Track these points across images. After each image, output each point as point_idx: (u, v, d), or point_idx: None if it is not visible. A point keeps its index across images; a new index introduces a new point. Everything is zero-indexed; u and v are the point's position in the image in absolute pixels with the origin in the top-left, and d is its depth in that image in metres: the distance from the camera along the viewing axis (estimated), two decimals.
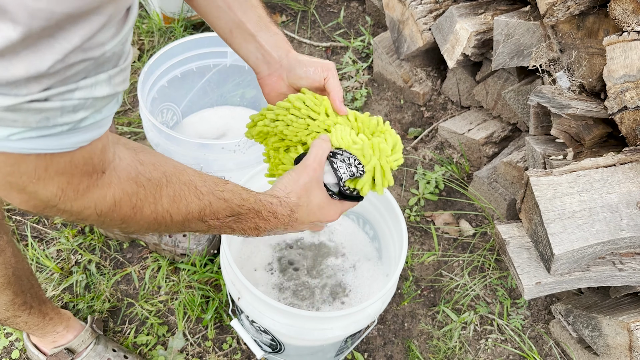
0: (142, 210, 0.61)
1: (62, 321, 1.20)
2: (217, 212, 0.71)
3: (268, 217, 0.78)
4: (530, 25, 1.36)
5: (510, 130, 1.70)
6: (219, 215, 0.71)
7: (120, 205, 0.58)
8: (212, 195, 0.69)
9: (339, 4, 2.22)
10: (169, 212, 0.65)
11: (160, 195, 0.63)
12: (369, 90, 1.92)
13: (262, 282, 1.29)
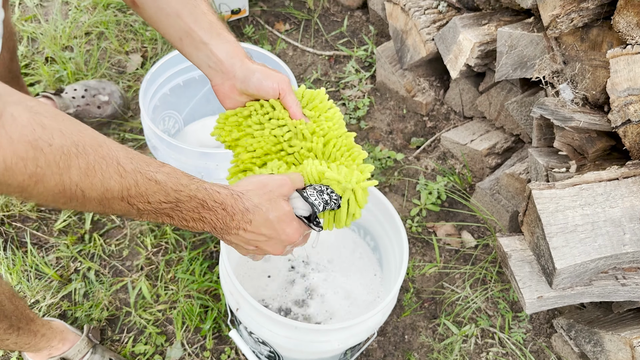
0: (44, 180, 0.55)
1: (55, 335, 1.19)
2: (146, 194, 0.64)
3: (215, 208, 0.72)
4: (533, 37, 1.36)
5: (513, 141, 1.69)
6: (149, 198, 0.65)
7: (14, 171, 0.53)
8: (140, 174, 0.63)
9: (343, 13, 2.22)
10: (80, 187, 0.58)
11: (67, 166, 0.56)
12: (371, 99, 1.92)
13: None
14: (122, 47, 1.97)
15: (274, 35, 2.12)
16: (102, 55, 1.96)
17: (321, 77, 2.00)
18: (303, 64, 2.06)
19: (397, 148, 1.80)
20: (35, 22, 2.06)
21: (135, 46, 1.99)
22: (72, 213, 1.55)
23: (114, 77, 1.89)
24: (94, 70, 1.88)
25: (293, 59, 2.07)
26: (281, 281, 1.31)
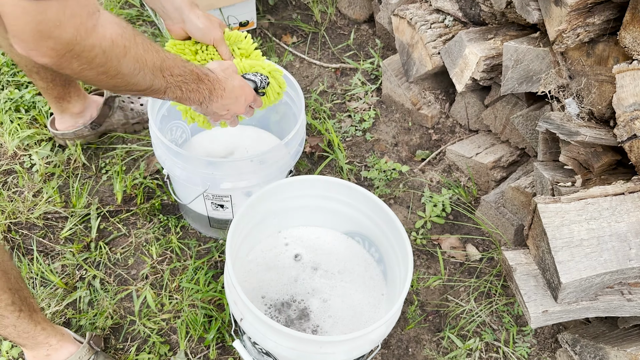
0: (129, 51, 0.79)
1: (55, 333, 1.19)
2: (171, 67, 0.89)
3: (204, 80, 1.00)
4: (539, 52, 1.37)
5: (519, 155, 1.69)
6: (172, 71, 0.90)
7: (116, 44, 0.76)
8: (163, 52, 0.88)
9: (349, 26, 2.24)
10: (144, 57, 0.82)
11: (135, 42, 0.80)
12: (377, 111, 1.93)
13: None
14: None
15: (281, 47, 2.14)
16: None
17: (327, 89, 2.01)
18: (309, 76, 2.07)
19: (403, 160, 1.81)
20: None
21: None
22: (77, 222, 1.56)
23: None
24: None
25: (300, 71, 2.08)
26: (286, 279, 1.31)
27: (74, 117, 1.66)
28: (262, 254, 1.39)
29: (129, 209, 1.61)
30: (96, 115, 1.69)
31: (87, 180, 1.66)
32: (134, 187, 1.64)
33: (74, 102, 1.62)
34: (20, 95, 1.83)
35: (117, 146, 1.75)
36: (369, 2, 2.18)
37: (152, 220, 1.59)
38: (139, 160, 1.72)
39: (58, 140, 1.72)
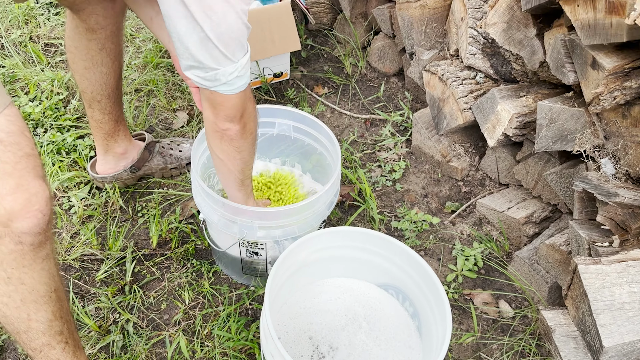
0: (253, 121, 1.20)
1: None
2: None
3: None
4: (574, 112, 1.39)
5: (551, 210, 1.70)
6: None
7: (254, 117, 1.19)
8: None
9: (379, 79, 2.30)
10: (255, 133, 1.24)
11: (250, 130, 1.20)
12: (407, 162, 1.96)
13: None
14: (170, 105, 2.06)
15: (313, 97, 2.20)
16: (150, 111, 2.05)
17: (357, 139, 2.05)
18: (340, 125, 2.12)
19: (432, 211, 1.82)
20: None
21: (182, 104, 2.08)
22: (113, 264, 1.58)
23: (161, 134, 1.97)
24: (142, 126, 1.97)
25: (331, 120, 2.13)
26: (316, 329, 1.31)
27: (117, 157, 1.71)
28: (295, 305, 1.40)
29: (164, 253, 1.63)
30: (136, 159, 1.74)
31: (123, 223, 1.70)
32: (169, 232, 1.67)
33: (120, 141, 1.68)
34: (62, 139, 1.89)
35: (153, 190, 1.79)
36: (399, 57, 2.25)
37: (186, 265, 1.61)
38: (175, 205, 1.76)
39: (96, 183, 1.77)
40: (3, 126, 0.88)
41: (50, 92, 2.07)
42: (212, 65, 0.99)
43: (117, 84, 1.53)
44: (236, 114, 1.12)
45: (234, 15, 0.95)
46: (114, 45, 1.43)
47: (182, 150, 1.83)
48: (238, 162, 1.25)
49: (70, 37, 1.40)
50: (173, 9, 0.92)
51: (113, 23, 1.38)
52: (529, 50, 1.56)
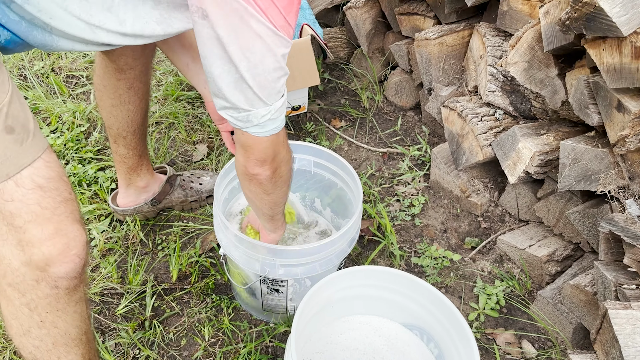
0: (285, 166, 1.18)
1: None
2: None
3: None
4: (598, 152, 1.39)
5: (572, 249, 1.68)
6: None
7: (287, 162, 1.18)
8: None
9: (396, 112, 2.32)
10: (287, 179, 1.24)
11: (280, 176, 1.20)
12: (426, 197, 1.96)
13: None
14: (190, 137, 2.09)
15: (330, 131, 2.22)
16: (170, 144, 2.07)
17: (375, 173, 2.06)
18: (358, 159, 2.13)
19: (452, 247, 1.81)
20: None
21: (202, 137, 2.10)
22: (133, 299, 1.58)
23: (181, 166, 1.98)
24: (163, 158, 1.99)
25: (348, 153, 2.15)
26: None
27: (138, 191, 1.72)
28: (320, 341, 1.38)
29: (183, 287, 1.63)
30: (158, 192, 1.75)
31: (144, 257, 1.70)
32: (189, 265, 1.67)
33: (143, 175, 1.69)
34: (83, 171, 1.91)
35: (173, 223, 1.79)
36: (416, 91, 2.27)
37: (205, 300, 1.60)
38: (194, 238, 1.76)
39: (117, 216, 1.78)
40: (43, 172, 0.89)
41: (72, 124, 2.10)
42: (245, 107, 0.98)
43: (143, 120, 1.55)
44: (266, 158, 1.10)
45: (272, 59, 0.94)
46: (142, 84, 1.45)
47: (202, 183, 1.84)
48: (266, 203, 1.25)
49: (99, 75, 1.43)
50: (209, 49, 0.91)
51: (142, 63, 1.40)
52: (550, 89, 1.57)
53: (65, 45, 0.96)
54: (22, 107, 0.91)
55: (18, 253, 0.89)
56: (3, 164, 0.86)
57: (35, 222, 0.88)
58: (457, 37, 1.97)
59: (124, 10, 0.94)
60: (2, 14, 0.87)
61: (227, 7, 0.86)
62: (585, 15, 1.14)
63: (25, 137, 0.88)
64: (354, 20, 2.32)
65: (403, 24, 2.16)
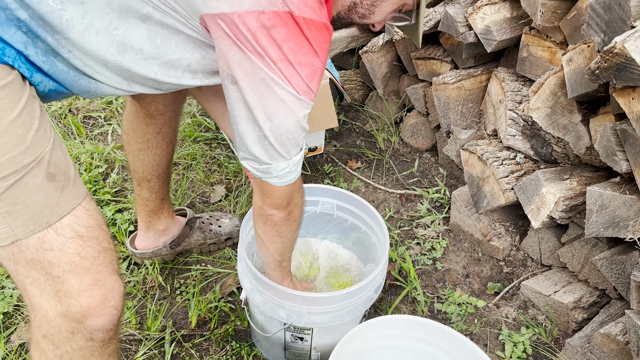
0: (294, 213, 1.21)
1: None
2: None
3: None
4: (626, 199, 1.39)
5: (598, 295, 1.65)
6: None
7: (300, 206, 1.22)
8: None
9: (412, 154, 2.33)
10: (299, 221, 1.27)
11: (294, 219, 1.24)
12: (447, 240, 1.94)
13: None
14: (208, 179, 2.08)
15: (347, 172, 2.22)
16: (189, 185, 2.06)
17: (394, 215, 2.05)
18: (375, 200, 2.12)
19: (475, 293, 1.78)
20: None
21: (220, 178, 2.10)
22: (152, 346, 1.54)
23: (198, 208, 1.97)
24: (181, 199, 1.98)
25: (365, 195, 2.14)
26: None
27: (158, 234, 1.71)
28: None
29: (203, 334, 1.59)
30: (177, 235, 1.74)
31: (162, 302, 1.67)
32: (208, 311, 1.64)
33: (163, 218, 1.68)
34: (101, 212, 1.90)
35: (192, 267, 1.77)
36: (432, 133, 2.28)
37: (225, 347, 1.56)
38: (213, 282, 1.73)
39: (135, 259, 1.76)
40: (83, 220, 0.88)
41: (90, 165, 2.10)
42: (266, 160, 1.05)
43: (168, 164, 1.55)
44: (282, 203, 1.15)
45: (294, 120, 1.00)
46: (171, 129, 1.46)
47: (221, 226, 1.83)
48: (279, 246, 1.27)
49: (128, 119, 1.43)
50: (237, 110, 0.99)
51: (173, 110, 1.41)
52: (574, 135, 1.57)
53: (108, 90, 0.99)
54: (63, 154, 0.91)
55: (55, 304, 0.87)
56: (44, 212, 0.85)
57: (74, 272, 0.86)
58: (474, 82, 1.99)
59: (166, 80, 1.02)
60: (50, 64, 0.89)
61: (255, 76, 0.93)
62: (615, 66, 1.15)
63: (66, 184, 0.88)
64: (370, 64, 2.36)
65: (420, 68, 2.19)
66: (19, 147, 0.83)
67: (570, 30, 1.56)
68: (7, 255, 0.86)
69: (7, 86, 0.84)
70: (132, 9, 0.91)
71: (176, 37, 0.97)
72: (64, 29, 0.87)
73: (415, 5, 1.10)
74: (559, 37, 1.63)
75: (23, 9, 0.84)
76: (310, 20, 0.93)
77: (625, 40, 1.11)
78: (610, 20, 1.25)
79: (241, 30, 0.89)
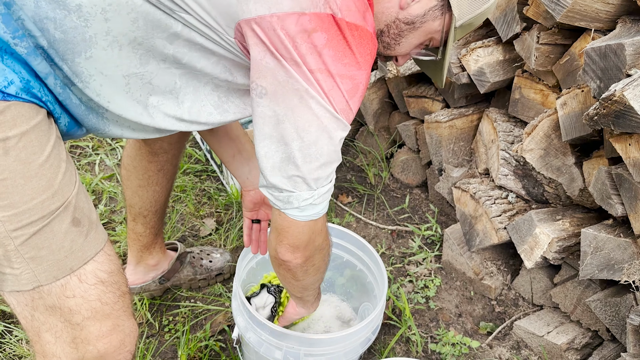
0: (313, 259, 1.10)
1: None
2: None
3: None
4: (621, 242, 1.40)
5: (591, 336, 1.66)
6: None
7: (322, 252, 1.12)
8: None
9: (402, 189, 2.34)
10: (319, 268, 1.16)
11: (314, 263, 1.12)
12: (439, 279, 1.93)
13: None
14: (198, 212, 2.05)
15: (338, 207, 2.21)
16: (178, 218, 2.03)
17: (385, 251, 2.04)
18: (367, 236, 2.11)
19: (468, 333, 1.77)
20: (114, 181, 2.17)
21: (210, 211, 2.07)
22: None
23: (189, 242, 1.93)
24: (171, 232, 1.94)
25: (357, 230, 2.13)
26: None
27: (148, 269, 1.66)
28: None
29: None
30: (167, 270, 1.69)
31: (150, 339, 1.61)
32: (198, 350, 1.58)
33: (155, 253, 1.64)
34: None
35: (180, 303, 1.72)
36: (423, 170, 2.30)
37: None
38: (203, 319, 1.68)
39: None
40: (105, 266, 0.85)
41: None
42: (287, 188, 0.94)
43: (165, 200, 1.52)
44: (299, 245, 1.02)
45: (328, 141, 0.90)
46: (172, 166, 1.43)
47: (212, 261, 1.79)
48: (296, 287, 1.21)
49: (130, 156, 1.40)
50: (261, 126, 0.89)
51: (176, 148, 1.39)
52: (567, 177, 1.60)
53: (115, 131, 0.95)
54: (86, 197, 0.88)
55: (70, 351, 0.83)
56: (68, 258, 0.82)
57: (95, 318, 0.83)
58: (466, 121, 2.02)
59: (185, 92, 0.94)
60: (65, 95, 0.87)
61: (288, 87, 0.86)
62: (614, 113, 1.18)
63: (90, 229, 0.85)
64: None
65: (411, 105, 2.22)
66: (48, 192, 0.80)
67: (563, 75, 1.60)
68: (24, 300, 0.83)
69: (37, 127, 0.81)
70: (159, 27, 0.86)
71: (205, 60, 0.91)
72: (86, 46, 0.83)
73: (443, 41, 1.04)
74: (552, 80, 1.68)
75: (44, 35, 0.81)
76: (354, 26, 0.86)
77: (624, 89, 1.14)
78: (605, 67, 1.29)
79: (279, 35, 0.82)
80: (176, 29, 0.86)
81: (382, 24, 1.02)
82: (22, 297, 0.83)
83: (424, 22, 1.01)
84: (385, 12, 1.01)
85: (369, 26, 0.90)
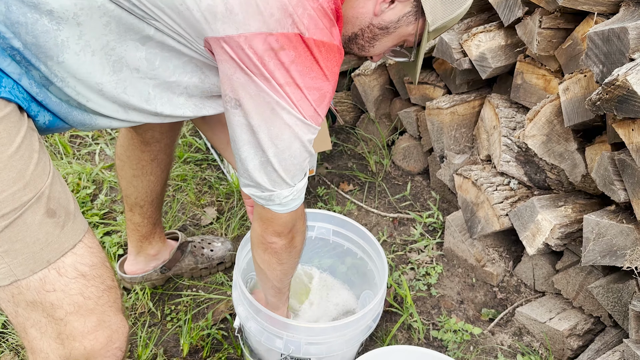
0: (295, 240, 1.17)
1: None
2: None
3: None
4: (623, 228, 1.39)
5: (593, 322, 1.66)
6: None
7: (302, 232, 1.19)
8: None
9: (403, 177, 2.33)
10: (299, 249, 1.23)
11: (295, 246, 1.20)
12: (441, 266, 1.93)
13: None
14: (199, 201, 2.04)
15: (339, 195, 2.20)
16: (179, 207, 2.02)
17: (387, 239, 2.03)
18: (368, 223, 2.10)
19: (470, 319, 1.77)
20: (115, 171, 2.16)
21: (211, 200, 2.06)
22: None
23: (190, 231, 1.93)
24: (171, 222, 1.93)
25: (358, 218, 2.12)
26: None
27: (148, 259, 1.66)
28: None
29: None
30: (168, 259, 1.69)
31: (152, 328, 1.61)
32: (200, 339, 1.59)
33: (155, 243, 1.64)
34: None
35: (182, 292, 1.72)
36: (424, 157, 2.29)
37: None
38: (205, 308, 1.69)
39: (125, 284, 1.70)
40: (86, 259, 0.84)
41: (77, 186, 2.05)
42: (269, 187, 1.02)
43: (162, 190, 1.52)
44: (284, 230, 1.12)
45: (299, 144, 0.98)
46: (166, 156, 1.43)
47: (213, 250, 1.79)
48: (278, 273, 1.23)
49: (123, 145, 1.40)
50: (239, 135, 0.96)
51: (169, 137, 1.38)
52: (570, 163, 1.59)
53: (103, 123, 0.95)
54: (62, 187, 0.87)
55: (57, 347, 0.83)
56: (44, 250, 0.81)
57: (78, 313, 0.82)
58: (468, 107, 2.01)
59: (161, 102, 0.98)
60: (44, 95, 0.87)
61: (260, 100, 0.91)
62: (617, 97, 1.17)
63: (66, 220, 0.84)
64: (362, 87, 2.36)
65: (412, 92, 2.20)
66: (19, 183, 0.80)
67: (565, 59, 1.58)
68: (6, 296, 0.82)
69: (4, 119, 0.80)
70: (132, 30, 0.88)
71: (176, 60, 0.95)
72: (58, 51, 0.84)
73: (416, 43, 1.09)
74: (554, 65, 1.66)
75: (17, 37, 0.81)
76: (321, 43, 0.91)
77: (627, 73, 1.12)
78: (609, 52, 1.27)
79: (247, 53, 0.87)
80: (149, 32, 0.89)
81: (357, 27, 1.06)
82: (3, 292, 0.82)
83: (398, 27, 1.06)
84: (359, 17, 1.05)
85: (335, 40, 0.95)
